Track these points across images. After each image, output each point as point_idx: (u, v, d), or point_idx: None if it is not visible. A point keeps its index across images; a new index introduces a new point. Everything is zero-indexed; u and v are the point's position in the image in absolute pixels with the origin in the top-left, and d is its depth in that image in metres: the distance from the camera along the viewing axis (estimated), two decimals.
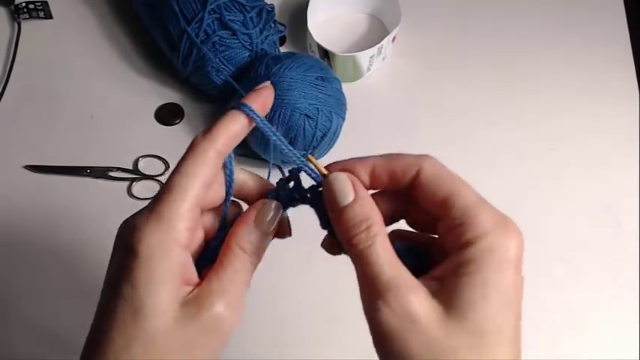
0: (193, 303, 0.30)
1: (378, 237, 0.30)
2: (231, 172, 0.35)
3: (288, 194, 0.35)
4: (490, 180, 0.67)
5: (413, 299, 0.28)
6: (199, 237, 0.34)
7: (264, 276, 0.35)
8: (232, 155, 0.35)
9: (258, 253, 0.33)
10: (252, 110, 0.33)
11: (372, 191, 0.33)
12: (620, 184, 0.68)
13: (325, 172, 0.34)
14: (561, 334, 0.59)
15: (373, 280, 0.29)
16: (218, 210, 0.35)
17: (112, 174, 0.65)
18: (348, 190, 0.31)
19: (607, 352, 0.59)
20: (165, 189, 0.31)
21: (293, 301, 0.60)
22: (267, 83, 0.35)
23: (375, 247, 0.30)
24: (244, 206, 0.36)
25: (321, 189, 0.34)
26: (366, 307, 0.30)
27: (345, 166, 0.33)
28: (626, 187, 0.68)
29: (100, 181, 0.65)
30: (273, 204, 0.34)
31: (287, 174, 0.36)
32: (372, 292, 0.29)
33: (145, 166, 0.66)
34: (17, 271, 0.61)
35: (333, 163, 0.34)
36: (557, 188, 0.67)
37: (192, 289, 0.31)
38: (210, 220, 0.35)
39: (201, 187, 0.32)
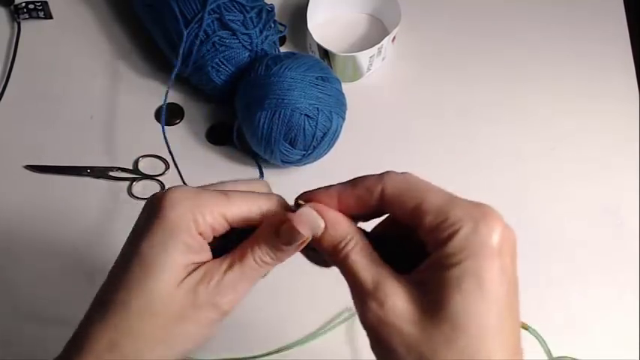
0: (196, 275, 0.31)
1: (355, 249, 0.31)
2: None
3: None
4: (490, 180, 0.68)
5: (390, 302, 0.29)
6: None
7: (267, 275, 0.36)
8: None
9: (269, 266, 0.34)
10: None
11: None
12: (620, 183, 0.68)
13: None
14: (561, 334, 0.59)
15: (356, 288, 0.31)
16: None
17: (112, 174, 0.65)
18: (317, 221, 0.32)
19: (607, 352, 0.59)
20: (221, 187, 0.33)
21: (293, 300, 0.60)
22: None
23: (353, 258, 0.31)
24: None
25: None
26: (358, 313, 0.31)
27: (309, 197, 0.33)
28: (626, 187, 0.68)
29: (100, 181, 0.65)
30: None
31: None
32: (358, 299, 0.31)
33: (145, 166, 0.66)
34: (17, 270, 0.61)
35: (300, 194, 0.34)
36: (557, 188, 0.67)
37: (203, 263, 0.32)
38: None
39: (248, 214, 0.33)
